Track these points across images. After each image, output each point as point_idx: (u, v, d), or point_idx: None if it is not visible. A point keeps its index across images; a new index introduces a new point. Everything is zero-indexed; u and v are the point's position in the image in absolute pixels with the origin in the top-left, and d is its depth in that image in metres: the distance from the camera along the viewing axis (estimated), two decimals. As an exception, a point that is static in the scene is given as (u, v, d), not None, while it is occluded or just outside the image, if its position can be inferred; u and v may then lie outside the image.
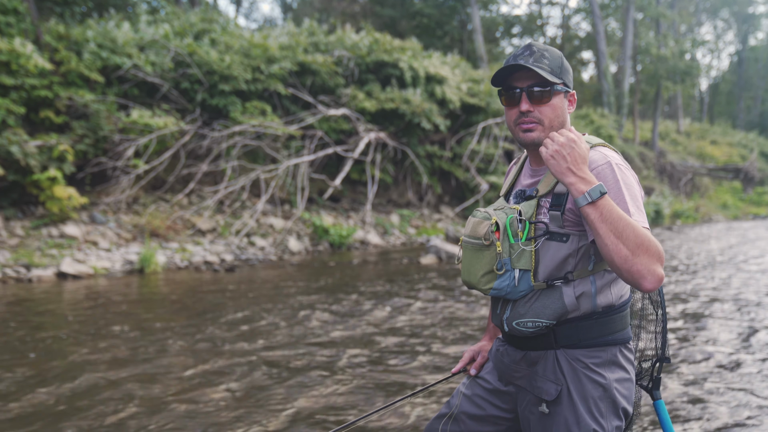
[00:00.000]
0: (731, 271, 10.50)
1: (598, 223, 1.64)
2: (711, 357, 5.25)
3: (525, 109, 1.88)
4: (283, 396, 4.39)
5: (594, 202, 1.65)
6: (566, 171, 1.70)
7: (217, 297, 8.44)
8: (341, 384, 4.64)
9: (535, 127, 1.89)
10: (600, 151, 1.86)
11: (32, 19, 13.68)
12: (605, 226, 1.63)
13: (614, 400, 1.83)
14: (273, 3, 65.19)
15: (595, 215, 1.65)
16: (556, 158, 1.73)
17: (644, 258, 1.60)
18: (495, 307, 2.02)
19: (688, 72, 34.95)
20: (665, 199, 27.65)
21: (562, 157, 1.72)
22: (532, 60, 1.87)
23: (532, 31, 45.28)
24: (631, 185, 1.79)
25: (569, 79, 1.94)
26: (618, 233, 1.62)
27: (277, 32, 19.21)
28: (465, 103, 19.74)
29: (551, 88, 1.87)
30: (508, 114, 1.95)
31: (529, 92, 1.87)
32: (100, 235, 12.15)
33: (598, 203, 1.64)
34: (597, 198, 1.64)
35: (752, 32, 61.19)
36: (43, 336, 6.22)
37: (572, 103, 1.97)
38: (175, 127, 13.90)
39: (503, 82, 1.94)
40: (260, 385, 4.62)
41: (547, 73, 1.85)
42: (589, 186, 1.67)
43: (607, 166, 1.79)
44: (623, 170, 1.80)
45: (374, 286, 9.32)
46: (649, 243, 1.61)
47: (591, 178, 1.69)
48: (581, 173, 1.69)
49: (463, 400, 2.14)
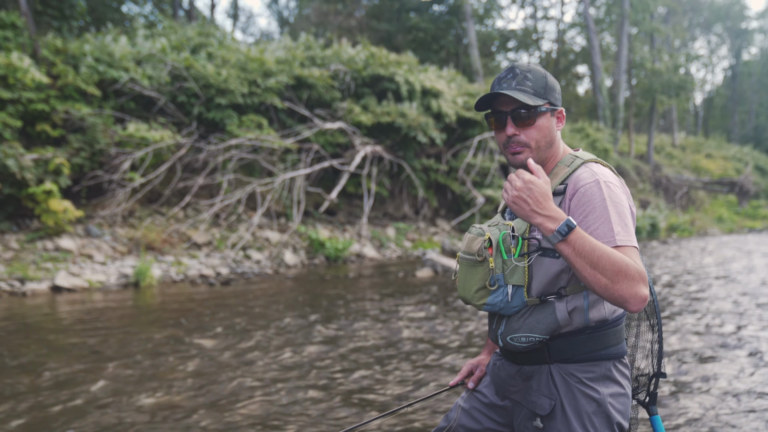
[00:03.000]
0: (729, 284, 10.52)
1: (572, 257, 1.65)
2: (709, 372, 5.25)
3: (510, 133, 1.91)
4: (280, 412, 4.38)
5: (565, 238, 1.65)
6: (531, 213, 1.70)
7: (212, 310, 8.42)
8: (336, 395, 4.62)
9: (523, 150, 1.92)
10: (590, 168, 1.86)
11: (30, 34, 13.73)
12: (580, 259, 1.64)
13: (608, 414, 1.83)
14: (270, 17, 65.41)
15: (569, 251, 1.66)
16: (518, 203, 1.72)
17: (624, 284, 1.61)
18: (491, 322, 2.03)
19: (683, 86, 35.16)
20: (661, 213, 27.72)
21: (523, 200, 1.70)
22: (515, 83, 1.89)
23: (527, 46, 45.53)
24: (619, 202, 1.79)
25: (555, 97, 1.95)
26: (594, 264, 1.63)
27: (273, 46, 19.30)
28: (461, 116, 19.81)
29: (536, 110, 1.89)
30: (498, 137, 1.97)
31: (514, 116, 1.90)
32: (95, 249, 12.12)
33: (569, 239, 1.65)
34: (567, 234, 1.65)
35: (745, 47, 61.73)
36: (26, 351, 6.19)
37: (561, 120, 1.98)
38: (171, 141, 13.92)
39: (490, 105, 1.96)
40: (251, 402, 4.60)
41: (530, 96, 1.87)
42: (556, 223, 1.67)
43: (595, 184, 1.80)
44: (611, 187, 1.81)
45: (369, 299, 9.31)
46: (626, 268, 1.62)
47: (557, 215, 1.68)
48: (546, 212, 1.69)
49: (461, 413, 2.15)
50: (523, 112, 1.88)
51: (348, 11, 35.83)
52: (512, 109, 1.89)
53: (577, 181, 1.83)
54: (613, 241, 1.71)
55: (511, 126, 1.90)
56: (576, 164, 1.89)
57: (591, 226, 1.75)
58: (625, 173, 30.20)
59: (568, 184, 1.85)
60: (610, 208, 1.75)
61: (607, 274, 1.62)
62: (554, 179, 1.91)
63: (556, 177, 1.91)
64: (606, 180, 1.82)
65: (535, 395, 1.90)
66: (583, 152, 1.98)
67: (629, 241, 1.71)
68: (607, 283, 1.62)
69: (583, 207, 1.78)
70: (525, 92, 1.88)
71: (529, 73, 1.91)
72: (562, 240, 1.66)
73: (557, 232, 1.66)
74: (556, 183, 1.89)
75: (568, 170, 1.89)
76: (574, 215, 1.80)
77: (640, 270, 1.64)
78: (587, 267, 1.63)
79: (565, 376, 1.86)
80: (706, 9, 59.32)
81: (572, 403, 1.84)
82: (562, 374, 1.87)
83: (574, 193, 1.82)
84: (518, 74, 1.91)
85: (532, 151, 1.91)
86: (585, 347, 1.86)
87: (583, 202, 1.79)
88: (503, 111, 1.92)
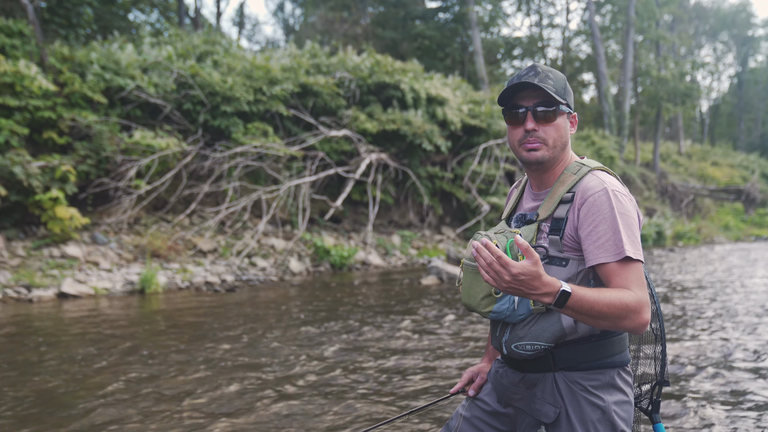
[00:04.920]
0: (734, 292, 10.46)
1: (576, 316, 1.71)
2: (712, 380, 5.21)
3: (530, 128, 1.89)
4: (281, 419, 4.37)
5: (565, 306, 1.67)
6: (527, 296, 1.67)
7: (218, 318, 8.42)
8: (337, 404, 4.61)
9: (540, 147, 1.90)
10: (597, 177, 1.86)
11: (37, 42, 13.82)
12: (582, 316, 1.70)
13: (613, 422, 1.83)
14: (275, 25, 65.79)
15: (571, 313, 1.70)
16: (511, 292, 1.67)
17: (626, 321, 1.70)
18: (494, 329, 2.02)
19: (689, 94, 35.15)
20: (667, 221, 27.63)
21: (516, 290, 1.65)
22: (537, 80, 1.88)
23: (533, 53, 45.56)
24: (627, 213, 1.80)
25: (571, 101, 1.96)
26: (595, 316, 1.68)
27: (279, 54, 19.36)
28: (466, 124, 19.82)
29: (556, 108, 1.89)
30: (512, 133, 1.95)
31: (534, 111, 1.88)
32: (101, 256, 12.15)
33: (569, 305, 1.67)
34: (565, 302, 1.66)
35: (752, 54, 61.66)
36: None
37: (573, 124, 1.98)
38: (177, 148, 13.96)
39: (508, 102, 1.95)
40: (256, 408, 4.59)
41: (553, 93, 1.86)
42: (552, 296, 1.65)
43: (603, 194, 1.80)
44: (619, 197, 1.81)
45: (374, 307, 9.29)
46: (626, 308, 1.68)
47: (551, 288, 1.64)
48: (540, 291, 1.64)
49: (462, 422, 2.14)
50: (541, 110, 1.88)
51: (353, 19, 35.94)
52: (534, 104, 1.89)
53: (585, 190, 1.82)
54: (621, 253, 1.74)
55: (531, 121, 1.89)
56: (583, 172, 1.89)
57: (601, 238, 1.77)
58: (630, 181, 30.14)
59: (576, 193, 1.85)
60: (619, 219, 1.77)
61: (610, 319, 1.69)
62: (561, 187, 1.90)
63: (563, 185, 1.90)
64: (614, 189, 1.82)
65: (540, 403, 1.89)
66: (589, 160, 1.97)
67: (635, 254, 1.75)
68: (611, 325, 1.72)
69: (592, 217, 1.79)
70: (548, 88, 1.87)
71: (550, 72, 1.92)
72: (562, 308, 1.68)
73: (555, 305, 1.68)
74: (563, 191, 1.88)
75: (575, 178, 1.88)
76: (582, 225, 1.80)
77: (640, 298, 1.70)
78: (590, 319, 1.70)
79: (569, 383, 1.86)
80: (712, 16, 59.36)
81: (577, 410, 1.83)
82: (567, 382, 1.86)
83: (582, 202, 1.82)
84: (540, 72, 1.90)
85: (548, 149, 1.90)
86: (590, 355, 1.85)
87: (592, 212, 1.79)
88: (524, 106, 1.91)
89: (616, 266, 1.74)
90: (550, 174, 1.97)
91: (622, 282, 1.73)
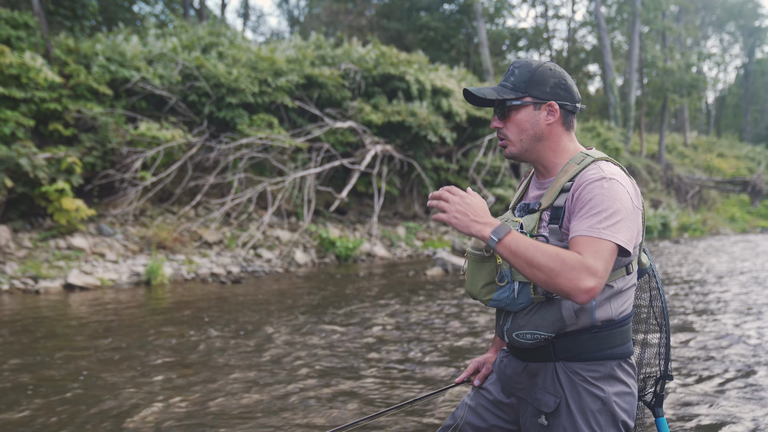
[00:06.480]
0: (741, 284, 10.46)
1: (510, 258, 1.70)
2: (717, 374, 5.22)
3: (493, 126, 2.01)
4: (287, 408, 4.40)
5: (500, 241, 1.70)
6: (470, 223, 1.75)
7: (225, 308, 8.46)
8: (343, 393, 4.64)
9: (506, 143, 2.00)
10: (598, 166, 1.84)
11: (42, 33, 13.84)
12: (517, 259, 1.68)
13: (613, 413, 1.84)
14: (280, 16, 65.60)
15: (506, 252, 1.70)
16: (459, 217, 1.77)
17: (561, 278, 1.62)
18: (498, 318, 2.03)
19: (695, 85, 34.97)
20: (672, 212, 27.57)
21: (463, 213, 1.76)
22: (503, 79, 1.99)
23: (538, 45, 45.40)
24: (617, 199, 1.75)
25: (542, 90, 1.92)
26: (530, 262, 1.66)
27: (284, 45, 19.34)
28: (471, 116, 19.80)
29: (504, 104, 1.95)
30: None
31: (497, 110, 1.99)
32: (107, 247, 12.20)
33: (504, 241, 1.70)
34: (502, 237, 1.70)
35: (758, 45, 61.23)
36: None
37: (551, 113, 1.94)
38: (182, 140, 13.99)
39: None
40: (267, 399, 4.63)
41: (507, 91, 1.94)
42: (492, 227, 1.72)
43: (598, 182, 1.78)
44: (614, 184, 1.77)
45: (379, 298, 9.32)
46: (562, 263, 1.63)
47: (494, 222, 1.75)
48: (483, 219, 1.75)
49: (467, 411, 2.16)
50: (500, 107, 1.97)
51: (358, 10, 35.85)
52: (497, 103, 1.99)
53: (583, 179, 1.82)
54: (587, 231, 1.70)
55: (495, 120, 2.00)
56: (586, 162, 1.88)
57: (576, 219, 1.76)
58: (636, 172, 30.06)
59: (575, 181, 1.84)
60: (604, 203, 1.73)
61: (544, 269, 1.64)
62: (563, 176, 1.89)
63: (566, 174, 1.89)
64: (612, 177, 1.79)
65: (541, 393, 1.91)
66: (595, 151, 1.95)
67: (605, 235, 1.68)
68: (546, 278, 1.65)
69: (580, 202, 1.78)
70: (505, 87, 1.95)
71: (518, 68, 1.97)
72: (498, 242, 1.70)
73: (492, 236, 1.70)
74: (565, 180, 1.87)
75: (578, 168, 1.87)
76: (573, 211, 1.80)
77: (585, 262, 1.63)
78: (525, 266, 1.67)
79: (569, 374, 1.87)
80: (719, 7, 58.91)
81: (577, 401, 1.84)
82: (567, 372, 1.87)
83: (577, 189, 1.81)
84: (509, 69, 1.99)
85: (513, 144, 1.98)
86: (591, 346, 1.86)
87: (581, 197, 1.78)
88: None
89: (581, 238, 1.70)
90: (549, 165, 1.98)
91: (578, 249, 1.68)
